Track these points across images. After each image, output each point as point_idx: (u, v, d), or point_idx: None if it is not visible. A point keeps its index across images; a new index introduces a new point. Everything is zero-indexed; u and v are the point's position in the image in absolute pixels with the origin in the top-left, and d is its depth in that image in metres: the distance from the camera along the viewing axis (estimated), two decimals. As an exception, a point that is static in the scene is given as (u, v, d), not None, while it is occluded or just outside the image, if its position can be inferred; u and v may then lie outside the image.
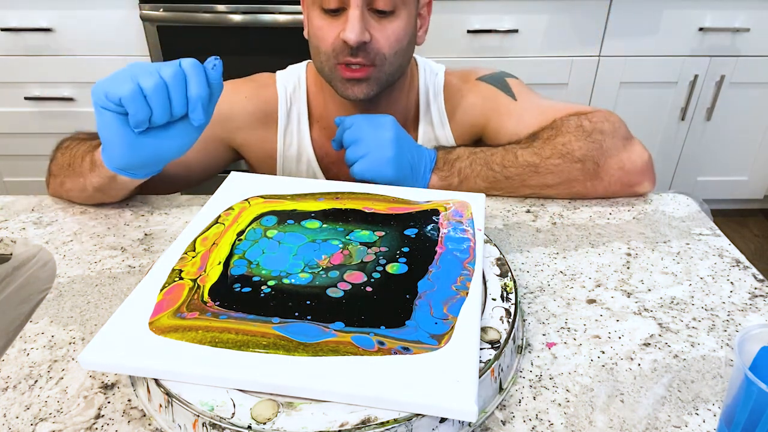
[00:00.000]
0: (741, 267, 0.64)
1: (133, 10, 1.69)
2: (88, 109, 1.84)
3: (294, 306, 0.48)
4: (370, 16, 0.71)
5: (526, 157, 0.72)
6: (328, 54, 0.72)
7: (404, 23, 0.73)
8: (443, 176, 0.73)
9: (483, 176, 0.73)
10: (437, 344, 0.44)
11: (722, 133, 1.93)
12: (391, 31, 0.72)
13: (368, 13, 0.70)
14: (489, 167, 0.72)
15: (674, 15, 1.73)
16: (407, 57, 0.77)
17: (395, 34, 0.72)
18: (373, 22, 0.71)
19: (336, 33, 0.71)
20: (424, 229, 0.59)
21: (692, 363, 0.51)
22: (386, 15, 0.71)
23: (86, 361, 0.44)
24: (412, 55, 0.79)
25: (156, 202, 0.76)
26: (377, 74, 0.73)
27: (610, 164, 0.72)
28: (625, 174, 0.73)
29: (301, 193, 0.65)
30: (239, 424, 0.40)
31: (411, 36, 0.75)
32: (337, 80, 0.74)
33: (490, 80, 0.84)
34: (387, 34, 0.71)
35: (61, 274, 0.63)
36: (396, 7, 0.71)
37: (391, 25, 0.71)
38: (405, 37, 0.73)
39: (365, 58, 0.71)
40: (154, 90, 0.56)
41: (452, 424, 0.43)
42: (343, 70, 0.73)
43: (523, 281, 0.61)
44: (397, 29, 0.72)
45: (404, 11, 0.72)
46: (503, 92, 0.82)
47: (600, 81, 1.82)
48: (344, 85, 0.74)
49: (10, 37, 1.73)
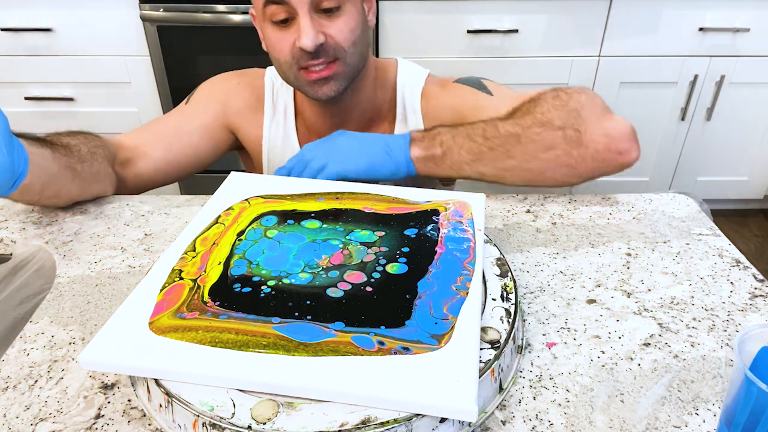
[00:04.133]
0: (741, 267, 0.64)
1: (133, 10, 1.69)
2: (88, 109, 1.85)
3: (294, 306, 0.48)
4: (319, 17, 0.72)
5: (508, 127, 0.71)
6: (289, 63, 0.74)
7: (353, 15, 0.74)
8: (425, 146, 0.72)
9: (467, 148, 0.71)
10: (437, 344, 0.44)
11: (722, 133, 1.93)
12: (344, 24, 0.73)
13: (317, 16, 0.72)
14: (471, 139, 0.71)
15: (674, 15, 1.73)
16: (365, 44, 0.79)
17: (348, 26, 0.73)
18: (324, 21, 0.72)
19: (291, 42, 0.73)
20: (424, 229, 0.59)
21: (692, 363, 0.51)
22: (333, 12, 0.72)
23: (86, 361, 0.44)
24: (369, 41, 0.81)
25: (156, 202, 0.76)
26: (341, 68, 0.75)
27: (594, 131, 0.70)
28: (612, 141, 0.70)
29: (301, 193, 0.65)
30: (239, 424, 0.40)
31: (363, 23, 0.77)
32: (305, 84, 0.76)
33: (466, 82, 0.85)
34: (340, 28, 0.73)
35: (61, 274, 0.63)
36: (341, 2, 0.72)
37: (341, 19, 0.73)
38: (357, 27, 0.75)
39: (326, 56, 0.73)
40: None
41: (452, 424, 0.43)
42: (308, 74, 0.74)
43: (523, 281, 0.61)
44: (349, 21, 0.73)
45: (349, 4, 0.73)
46: (479, 90, 0.83)
47: (600, 81, 1.82)
48: (312, 87, 0.76)
49: (10, 37, 1.73)
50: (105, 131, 0.83)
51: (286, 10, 0.71)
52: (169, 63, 1.76)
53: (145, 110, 1.84)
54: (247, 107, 0.88)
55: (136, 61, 1.77)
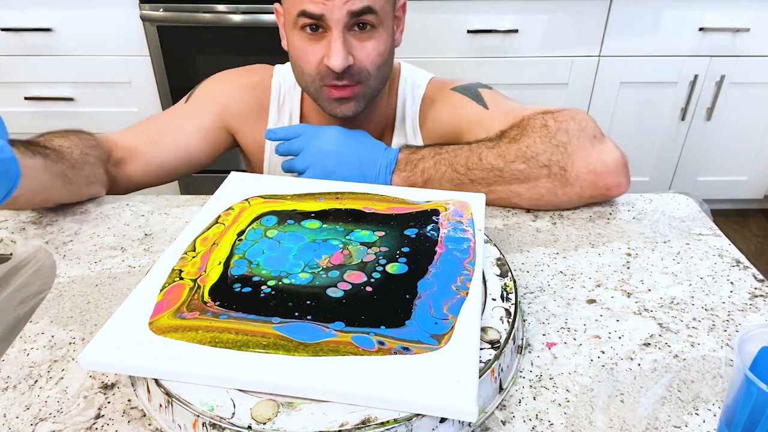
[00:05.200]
0: (741, 267, 0.64)
1: (133, 10, 1.69)
2: (88, 109, 1.85)
3: (294, 306, 0.48)
4: (351, 36, 0.71)
5: (491, 159, 0.69)
6: (313, 76, 0.73)
7: (383, 38, 0.73)
8: (405, 177, 0.72)
9: (448, 177, 0.71)
10: (437, 344, 0.44)
11: (722, 133, 1.93)
12: (372, 48, 0.72)
13: (349, 34, 0.70)
14: (454, 169, 0.70)
15: (674, 15, 1.73)
16: (390, 65, 0.78)
17: (377, 50, 0.72)
18: (354, 42, 0.71)
19: (319, 56, 0.71)
20: (424, 229, 0.59)
21: (692, 363, 0.51)
22: (367, 29, 0.71)
23: (86, 361, 0.44)
24: (393, 61, 0.80)
25: (156, 202, 0.76)
26: (364, 90, 0.74)
27: (579, 168, 0.68)
28: (597, 177, 0.69)
29: (301, 193, 0.65)
30: (239, 424, 0.40)
31: (390, 45, 0.76)
32: (324, 100, 0.75)
33: (462, 90, 0.83)
34: (368, 51, 0.72)
35: (61, 274, 0.63)
36: (375, 24, 0.71)
37: (372, 41, 0.72)
38: (386, 51, 0.74)
39: (350, 80, 0.72)
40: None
41: (452, 424, 0.43)
42: (330, 90, 0.73)
43: (523, 281, 0.61)
44: (378, 45, 0.72)
45: (382, 26, 0.72)
46: (475, 101, 0.81)
47: (600, 81, 1.82)
48: (331, 104, 0.75)
49: (10, 37, 1.73)
50: (105, 131, 0.83)
51: (320, 24, 0.70)
52: (169, 63, 1.76)
53: (145, 110, 1.84)
54: (250, 111, 0.86)
55: (136, 61, 1.77)
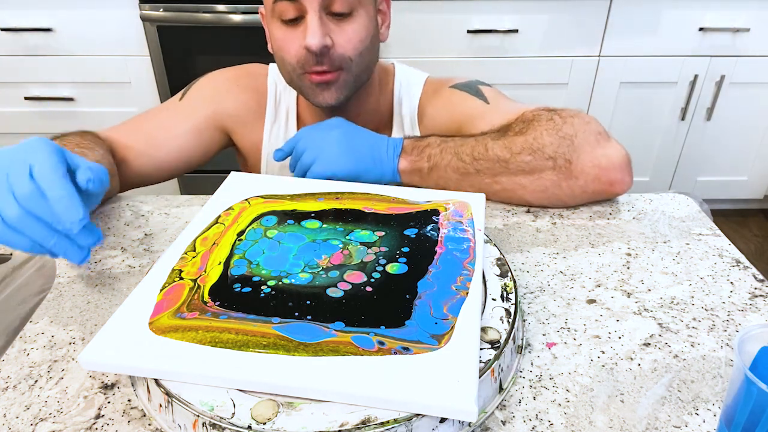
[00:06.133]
0: (741, 267, 0.64)
1: (133, 10, 1.69)
2: (88, 109, 1.85)
3: (294, 306, 0.48)
4: (329, 20, 0.71)
5: (497, 150, 0.69)
6: (293, 65, 0.74)
7: (364, 23, 0.73)
8: (412, 160, 0.72)
9: (453, 166, 0.71)
10: (437, 344, 0.44)
11: (722, 133, 1.93)
12: (352, 33, 0.72)
13: (326, 18, 0.71)
14: (459, 158, 0.71)
15: (674, 15, 1.73)
16: (373, 56, 0.78)
17: (357, 35, 0.73)
18: (333, 26, 0.72)
19: (298, 43, 0.72)
20: (424, 229, 0.59)
21: (692, 363, 0.51)
22: (344, 17, 0.72)
23: (86, 361, 0.44)
24: (377, 54, 0.80)
25: (156, 202, 0.76)
26: (345, 77, 0.74)
27: (584, 161, 0.69)
28: (602, 171, 0.69)
29: (301, 193, 0.65)
30: (239, 424, 0.40)
31: (373, 35, 0.76)
32: (307, 88, 0.75)
33: (462, 87, 0.83)
34: (348, 36, 0.72)
35: (61, 274, 0.63)
36: (353, 8, 0.72)
37: (351, 26, 0.72)
38: (367, 37, 0.74)
39: (330, 65, 0.72)
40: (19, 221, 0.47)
41: (452, 424, 0.43)
42: (311, 77, 0.74)
43: (523, 281, 0.61)
44: (358, 30, 0.73)
45: (362, 11, 0.73)
46: (475, 97, 0.81)
47: (600, 81, 1.82)
48: (314, 91, 0.75)
49: (10, 37, 1.73)
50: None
51: (296, 8, 0.70)
52: (169, 63, 1.76)
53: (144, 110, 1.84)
54: (246, 111, 0.86)
55: (136, 61, 1.77)
